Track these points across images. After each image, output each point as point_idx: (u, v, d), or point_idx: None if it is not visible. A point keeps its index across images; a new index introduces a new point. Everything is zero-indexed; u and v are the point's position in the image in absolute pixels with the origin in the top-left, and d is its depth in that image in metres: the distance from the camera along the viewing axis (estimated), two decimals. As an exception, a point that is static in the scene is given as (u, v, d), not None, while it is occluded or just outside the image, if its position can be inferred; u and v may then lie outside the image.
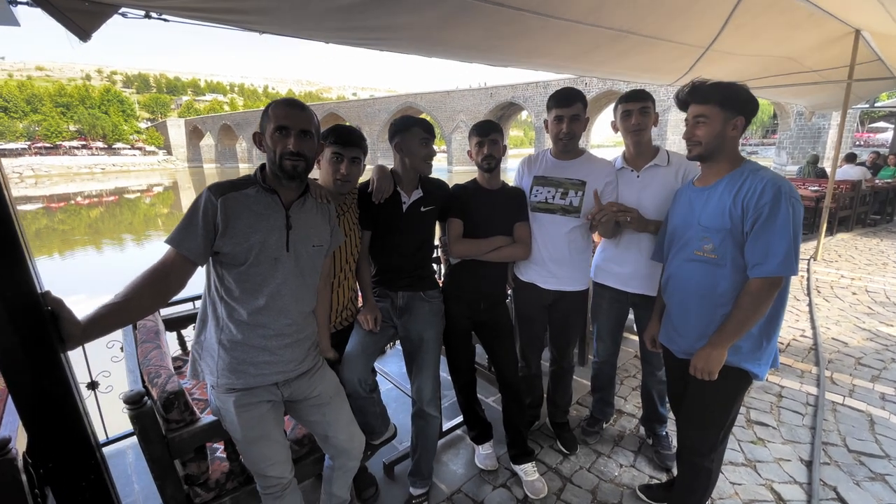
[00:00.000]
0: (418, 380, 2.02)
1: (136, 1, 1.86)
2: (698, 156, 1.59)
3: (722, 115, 1.51)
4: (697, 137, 1.55)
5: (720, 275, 1.55)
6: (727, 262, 1.53)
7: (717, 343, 1.52)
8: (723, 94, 1.50)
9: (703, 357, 1.55)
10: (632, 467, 2.33)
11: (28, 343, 0.94)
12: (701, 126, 1.54)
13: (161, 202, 32.14)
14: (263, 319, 1.40)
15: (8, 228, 0.88)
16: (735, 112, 1.51)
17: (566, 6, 2.56)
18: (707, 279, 1.58)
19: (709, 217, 1.56)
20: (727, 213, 1.50)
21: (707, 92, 1.52)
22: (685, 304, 1.67)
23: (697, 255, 1.60)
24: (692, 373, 1.60)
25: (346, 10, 2.16)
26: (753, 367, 1.57)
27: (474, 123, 2.06)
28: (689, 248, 1.64)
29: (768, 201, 1.41)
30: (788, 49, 4.34)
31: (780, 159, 25.86)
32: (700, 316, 1.62)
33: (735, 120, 1.52)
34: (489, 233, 2.07)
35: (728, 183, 1.54)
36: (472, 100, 38.00)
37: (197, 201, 1.32)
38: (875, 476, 2.23)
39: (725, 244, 1.52)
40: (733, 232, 1.50)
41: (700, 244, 1.59)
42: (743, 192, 1.47)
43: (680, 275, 1.69)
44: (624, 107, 2.07)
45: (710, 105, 1.51)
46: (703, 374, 1.56)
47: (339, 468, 1.71)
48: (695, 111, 1.55)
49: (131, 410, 1.37)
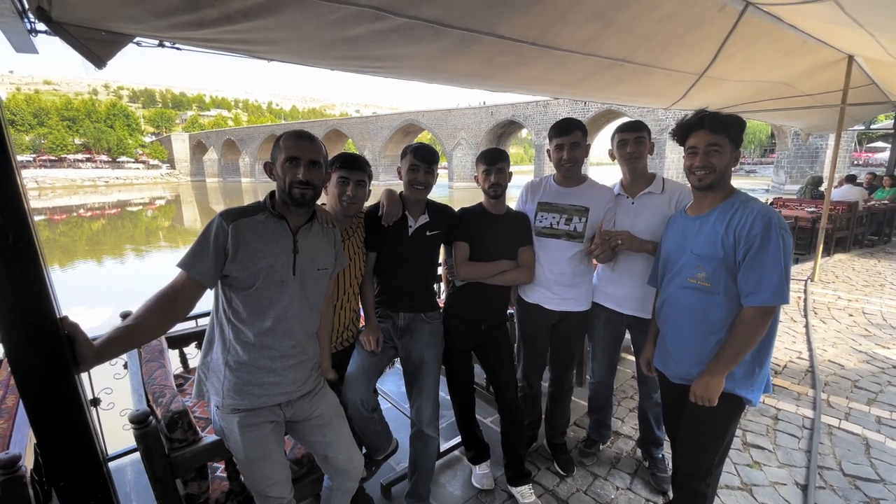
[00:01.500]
0: (418, 401, 2.05)
1: (150, 32, 1.95)
2: (710, 184, 1.60)
3: (730, 146, 1.57)
4: (713, 164, 1.56)
5: (713, 302, 1.59)
6: (720, 290, 1.57)
7: (715, 371, 1.56)
8: (735, 127, 1.55)
9: (702, 385, 1.58)
10: (628, 490, 2.34)
11: (46, 365, 0.98)
12: (715, 154, 1.56)
13: (163, 215, 32.34)
14: (269, 341, 1.45)
15: (33, 259, 0.94)
16: (738, 145, 1.58)
17: (563, 37, 2.67)
18: (700, 306, 1.63)
19: (701, 246, 1.61)
20: (719, 243, 1.55)
21: (724, 122, 1.55)
22: (679, 330, 1.72)
23: (691, 283, 1.64)
24: (692, 399, 1.63)
25: (352, 41, 2.26)
26: (747, 392, 1.60)
27: (482, 150, 2.14)
28: (682, 276, 1.68)
29: (759, 232, 1.46)
30: (782, 74, 4.45)
31: (778, 178, 26.07)
32: (694, 342, 1.66)
33: (736, 153, 1.58)
34: (494, 256, 2.13)
35: (720, 213, 1.59)
36: (472, 118, 38.51)
37: (209, 227, 1.38)
38: (870, 500, 2.24)
39: (718, 273, 1.56)
40: (726, 261, 1.54)
41: (693, 272, 1.63)
42: (735, 223, 1.52)
43: (674, 301, 1.73)
44: (620, 136, 2.15)
45: (723, 135, 1.55)
46: (703, 402, 1.59)
47: (338, 488, 1.74)
48: (710, 139, 1.56)
49: (137, 430, 1.40)
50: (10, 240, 0.92)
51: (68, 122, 72.38)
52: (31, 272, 0.94)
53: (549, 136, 2.16)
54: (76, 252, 18.18)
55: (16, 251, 0.92)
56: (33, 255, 0.94)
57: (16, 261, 0.92)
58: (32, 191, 47.98)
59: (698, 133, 1.58)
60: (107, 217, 30.43)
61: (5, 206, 0.91)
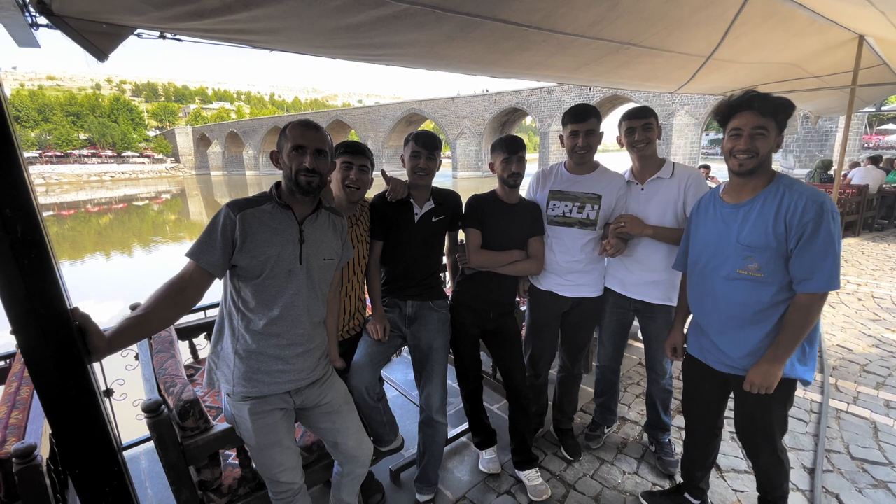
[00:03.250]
0: (427, 388, 2.07)
1: (151, 23, 1.95)
2: (750, 170, 1.52)
3: (776, 130, 1.49)
4: (757, 148, 1.49)
5: (765, 292, 1.55)
6: (773, 280, 1.53)
7: (775, 359, 1.53)
8: (785, 111, 1.47)
9: (761, 373, 1.55)
10: (635, 474, 2.36)
11: (58, 355, 1.00)
12: (760, 138, 1.48)
13: (169, 209, 32.52)
14: (278, 329, 1.47)
15: (42, 251, 0.95)
16: (782, 129, 1.50)
17: (566, 21, 2.62)
18: (752, 298, 1.57)
19: (750, 236, 1.54)
20: (770, 232, 1.49)
21: (775, 104, 1.47)
22: (726, 322, 1.66)
23: (741, 274, 1.58)
24: (748, 389, 1.60)
25: (353, 29, 2.23)
26: (803, 374, 1.60)
27: (500, 137, 2.12)
28: (728, 267, 1.61)
29: (812, 218, 1.42)
30: (790, 56, 4.36)
31: (787, 162, 25.73)
32: (745, 332, 1.61)
33: (779, 137, 1.51)
34: (505, 246, 2.12)
35: (766, 199, 1.53)
36: (476, 106, 38.21)
37: (216, 217, 1.39)
38: (878, 483, 2.24)
39: (771, 262, 1.51)
40: (779, 249, 1.49)
41: (743, 263, 1.56)
42: (784, 209, 1.47)
43: (719, 293, 1.65)
44: (627, 124, 2.13)
45: (770, 119, 1.47)
46: (762, 390, 1.57)
47: (348, 474, 1.77)
48: (757, 122, 1.47)
49: (149, 418, 1.43)
50: (19, 232, 0.92)
51: (73, 117, 72.69)
52: (41, 264, 0.95)
53: (564, 122, 2.15)
54: (85, 246, 18.36)
55: (25, 243, 0.93)
56: (42, 247, 0.95)
57: (25, 253, 0.93)
58: (40, 186, 48.37)
59: (745, 114, 1.49)
60: (114, 212, 30.67)
61: (13, 199, 0.91)
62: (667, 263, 2.11)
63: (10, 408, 1.62)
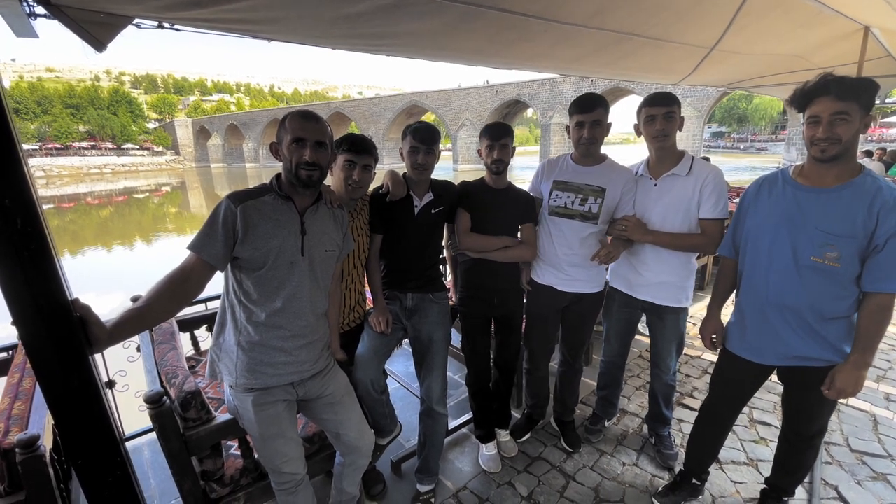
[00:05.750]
0: (428, 379, 2.08)
1: (149, 13, 1.93)
2: (834, 156, 1.44)
3: (860, 113, 1.40)
4: (838, 135, 1.40)
5: (839, 284, 1.49)
6: (847, 272, 1.47)
7: (865, 364, 1.49)
8: (867, 92, 1.39)
9: (853, 381, 1.50)
10: (634, 466, 2.37)
11: (60, 347, 1.00)
12: (842, 124, 1.40)
13: (169, 201, 32.50)
14: (280, 321, 1.47)
15: (42, 243, 0.94)
16: (868, 111, 1.42)
17: (568, 10, 2.58)
18: (824, 287, 1.51)
19: (834, 222, 1.46)
20: (858, 222, 1.42)
21: (854, 87, 1.39)
22: (789, 311, 1.58)
23: (815, 262, 1.49)
24: (834, 397, 1.55)
25: (353, 19, 2.21)
26: None
27: (487, 124, 2.10)
28: (802, 253, 1.52)
29: None
30: (795, 47, 4.30)
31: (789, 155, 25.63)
32: (817, 324, 1.55)
33: (866, 118, 1.42)
34: (493, 231, 2.11)
35: (856, 189, 1.45)
36: (477, 98, 37.97)
37: (217, 209, 1.39)
38: (877, 476, 2.25)
39: (851, 253, 1.45)
40: (861, 242, 1.44)
41: (820, 250, 1.48)
42: (878, 204, 1.40)
43: (786, 281, 1.56)
44: (648, 111, 2.01)
45: (852, 102, 1.38)
46: (848, 396, 1.53)
47: (350, 465, 1.78)
48: (835, 107, 1.39)
49: (152, 409, 1.43)
50: (19, 224, 0.92)
51: (72, 109, 72.27)
52: (42, 256, 0.95)
53: (570, 112, 2.09)
54: (85, 239, 18.37)
55: (25, 235, 0.92)
56: (42, 239, 0.94)
57: (25, 245, 0.93)
58: (40, 179, 48.31)
59: (822, 100, 1.42)
60: (114, 204, 30.66)
61: (12, 191, 0.91)
62: (675, 265, 2.08)
63: (12, 398, 1.63)
